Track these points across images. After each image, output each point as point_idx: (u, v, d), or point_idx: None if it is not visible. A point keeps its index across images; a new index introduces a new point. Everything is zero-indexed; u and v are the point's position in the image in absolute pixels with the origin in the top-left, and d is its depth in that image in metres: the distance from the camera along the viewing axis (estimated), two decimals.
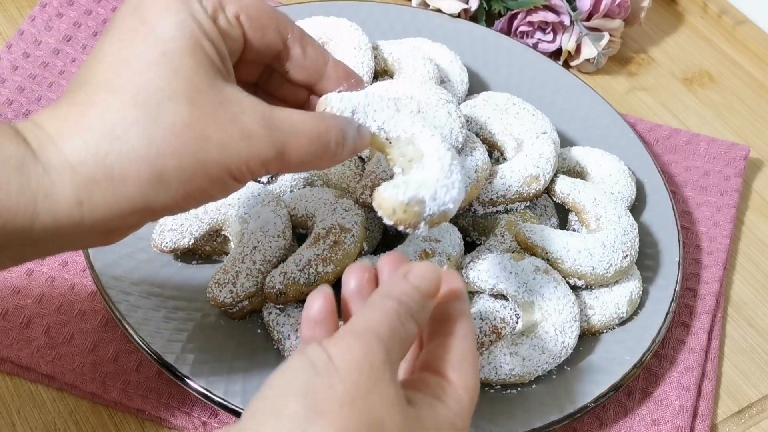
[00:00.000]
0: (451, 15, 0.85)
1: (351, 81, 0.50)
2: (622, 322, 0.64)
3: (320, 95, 0.49)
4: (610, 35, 0.86)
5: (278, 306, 0.60)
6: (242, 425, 0.37)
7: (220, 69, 0.44)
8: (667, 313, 0.64)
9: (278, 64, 0.49)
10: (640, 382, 0.64)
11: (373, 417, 0.37)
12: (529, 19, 0.85)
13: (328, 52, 0.50)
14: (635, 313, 0.65)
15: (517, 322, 0.62)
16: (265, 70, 0.51)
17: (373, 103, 0.48)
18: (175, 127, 0.42)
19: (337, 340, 0.38)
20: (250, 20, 0.46)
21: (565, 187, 0.67)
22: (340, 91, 0.49)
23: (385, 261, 0.45)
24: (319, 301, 0.42)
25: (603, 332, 0.64)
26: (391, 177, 0.64)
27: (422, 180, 0.47)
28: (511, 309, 0.62)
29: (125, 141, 0.41)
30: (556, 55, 0.87)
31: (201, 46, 0.43)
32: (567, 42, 0.85)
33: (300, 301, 0.60)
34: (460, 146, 0.63)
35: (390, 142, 0.49)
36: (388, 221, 0.47)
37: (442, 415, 0.41)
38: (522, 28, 0.86)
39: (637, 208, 0.71)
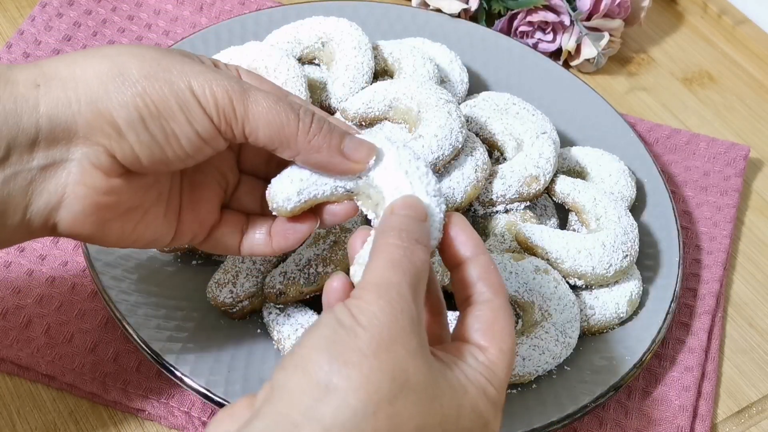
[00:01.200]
0: (451, 15, 0.85)
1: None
2: (622, 322, 0.64)
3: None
4: (610, 35, 0.86)
5: (278, 306, 0.60)
6: (273, 380, 0.38)
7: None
8: (667, 313, 0.64)
9: None
10: (640, 382, 0.64)
11: (396, 366, 0.38)
12: (529, 19, 0.85)
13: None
14: (635, 313, 0.65)
15: (517, 323, 0.62)
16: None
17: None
18: (142, 55, 0.45)
19: (357, 299, 0.39)
20: (248, 74, 0.50)
21: (565, 187, 0.67)
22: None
23: (357, 236, 0.46)
24: (336, 290, 0.44)
25: (603, 332, 0.64)
26: None
27: None
28: (511, 309, 0.62)
29: (87, 55, 0.45)
30: (556, 55, 0.87)
31: (187, 54, 0.47)
32: (567, 42, 0.85)
33: (300, 301, 0.60)
34: (460, 146, 0.63)
35: (352, 193, 0.48)
36: None
37: (471, 377, 0.41)
38: (522, 28, 0.86)
39: (637, 208, 0.71)
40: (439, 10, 0.85)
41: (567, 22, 0.85)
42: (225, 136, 0.46)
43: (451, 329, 0.46)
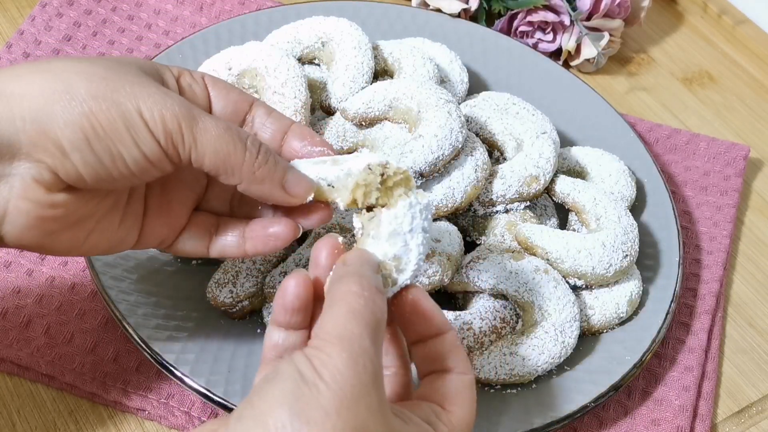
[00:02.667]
0: (451, 15, 0.85)
1: (315, 140, 0.50)
2: (622, 322, 0.64)
3: (286, 158, 0.50)
4: (610, 35, 0.86)
5: None
6: (230, 430, 0.37)
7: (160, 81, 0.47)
8: (667, 313, 0.64)
9: (247, 129, 0.50)
10: (640, 382, 0.64)
11: (357, 425, 0.37)
12: (529, 19, 0.85)
13: (292, 119, 0.51)
14: (635, 313, 0.65)
15: (517, 322, 0.62)
16: None
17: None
18: (90, 73, 0.44)
19: (318, 350, 0.39)
20: (215, 83, 0.50)
21: (565, 187, 0.67)
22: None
23: (321, 245, 0.45)
24: (294, 287, 0.43)
25: (603, 332, 0.64)
26: None
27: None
28: (511, 309, 0.62)
29: (33, 70, 0.44)
30: (556, 55, 0.87)
31: (144, 68, 0.47)
32: (567, 42, 0.85)
33: None
34: (460, 146, 0.63)
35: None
36: None
37: None
38: (522, 28, 0.86)
39: (637, 208, 0.71)
40: (439, 10, 0.85)
41: (567, 22, 0.85)
42: (172, 159, 0.46)
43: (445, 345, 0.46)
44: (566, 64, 0.87)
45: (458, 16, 0.86)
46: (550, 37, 0.86)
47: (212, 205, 0.53)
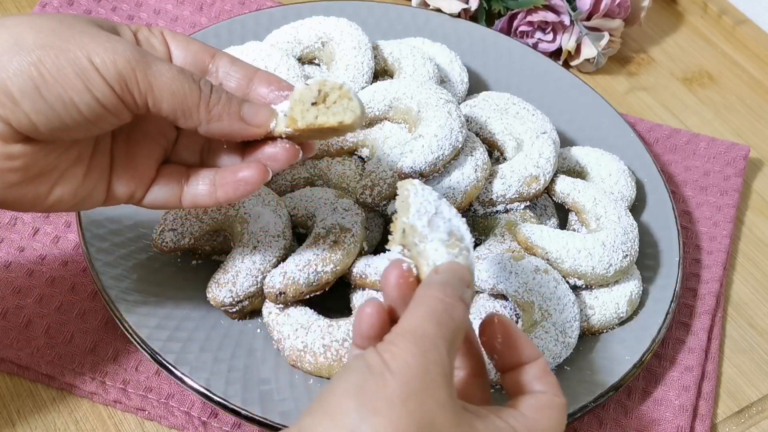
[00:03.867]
0: (451, 15, 0.85)
1: (281, 84, 0.51)
2: (622, 322, 0.64)
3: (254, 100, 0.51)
4: (610, 35, 0.86)
5: (278, 306, 0.60)
6: (300, 424, 0.38)
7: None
8: (667, 313, 0.64)
9: (212, 79, 0.51)
10: (640, 382, 0.64)
11: (424, 416, 0.38)
12: (529, 18, 0.85)
13: (257, 67, 0.52)
14: (635, 313, 0.65)
15: (517, 322, 0.62)
16: None
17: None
18: (39, 25, 0.44)
19: (390, 344, 0.39)
20: (174, 36, 0.50)
21: (565, 187, 0.67)
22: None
23: (390, 271, 0.45)
24: (370, 316, 0.43)
25: (603, 332, 0.64)
26: (391, 177, 0.64)
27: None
28: (511, 309, 0.62)
29: None
30: (556, 55, 0.87)
31: (98, 22, 0.47)
32: (567, 42, 0.85)
33: (300, 301, 0.60)
34: (460, 146, 0.63)
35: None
36: None
37: (500, 426, 0.41)
38: (522, 28, 0.86)
39: (637, 208, 0.71)
40: (439, 10, 0.85)
41: (567, 22, 0.85)
42: (129, 107, 0.46)
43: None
44: (566, 64, 0.87)
45: (458, 16, 0.86)
46: (550, 37, 0.86)
47: (182, 157, 0.53)
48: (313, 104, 0.48)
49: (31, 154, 0.46)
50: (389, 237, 0.47)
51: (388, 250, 0.48)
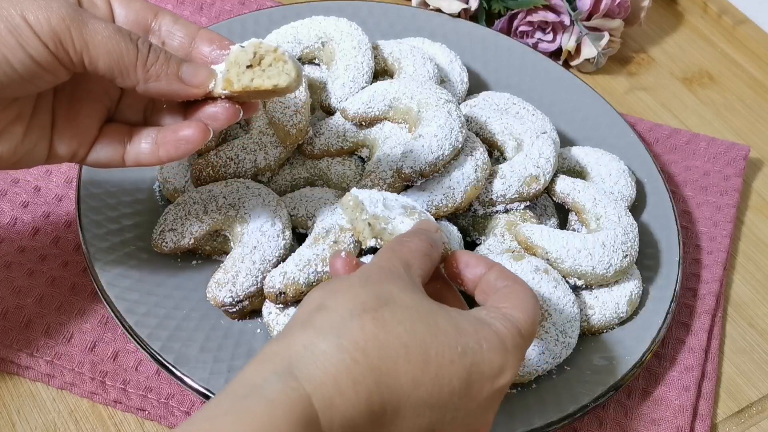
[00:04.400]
0: (451, 15, 0.85)
1: (223, 43, 0.51)
2: (622, 322, 0.64)
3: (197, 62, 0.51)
4: (610, 35, 0.86)
5: (278, 306, 0.60)
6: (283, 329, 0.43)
7: None
8: (667, 313, 0.64)
9: (154, 38, 0.51)
10: (640, 382, 0.64)
11: (384, 290, 0.42)
12: (529, 18, 0.85)
13: (199, 26, 0.52)
14: (635, 313, 0.65)
15: None
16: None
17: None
18: None
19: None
20: None
21: (565, 187, 0.67)
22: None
23: (334, 261, 0.50)
24: (339, 260, 0.49)
25: (603, 332, 0.64)
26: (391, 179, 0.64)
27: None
28: None
29: None
30: (556, 55, 0.87)
31: None
32: (567, 42, 0.85)
33: (300, 301, 0.60)
34: (460, 146, 0.63)
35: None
36: None
37: (474, 317, 0.44)
38: (522, 28, 0.86)
39: (637, 208, 0.71)
40: (439, 10, 0.85)
41: (567, 21, 0.85)
42: (64, 64, 0.46)
43: None
44: (566, 64, 0.87)
45: (458, 16, 0.86)
46: (550, 37, 0.86)
47: (125, 116, 0.53)
48: (248, 67, 0.48)
49: None
50: (361, 240, 0.53)
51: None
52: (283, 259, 0.61)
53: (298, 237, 0.64)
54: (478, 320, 0.44)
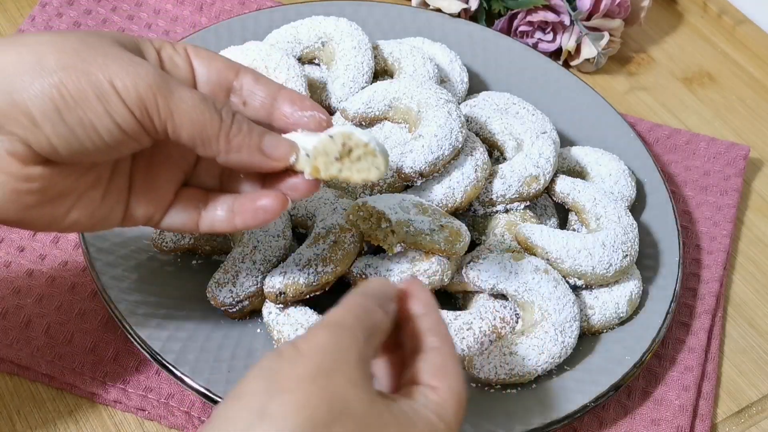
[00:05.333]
0: (451, 15, 0.85)
1: (304, 104, 0.50)
2: (622, 322, 0.64)
3: (279, 125, 0.50)
4: (610, 35, 0.86)
5: (278, 306, 0.60)
6: (213, 413, 0.38)
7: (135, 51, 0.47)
8: (667, 313, 0.64)
9: (235, 97, 0.50)
10: (640, 382, 0.64)
11: (336, 393, 0.37)
12: (529, 18, 0.85)
13: (281, 84, 0.51)
14: (635, 312, 0.65)
15: (517, 322, 0.62)
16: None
17: None
18: (62, 45, 0.44)
19: (305, 333, 0.40)
20: (197, 52, 0.49)
21: (565, 187, 0.67)
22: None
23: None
24: None
25: (603, 332, 0.64)
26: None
27: None
28: (511, 309, 0.62)
29: (7, 43, 0.44)
30: (556, 55, 0.87)
31: (122, 41, 0.46)
32: (567, 42, 0.85)
33: (300, 301, 0.60)
34: (460, 146, 0.63)
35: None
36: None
37: (419, 410, 0.40)
38: (522, 28, 0.86)
39: (637, 208, 0.71)
40: (439, 10, 0.85)
41: (567, 21, 0.85)
42: (149, 132, 0.45)
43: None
44: (566, 64, 0.87)
45: (458, 16, 0.86)
46: (550, 37, 0.86)
47: (202, 180, 0.53)
48: (336, 158, 0.47)
49: (50, 176, 0.46)
50: (386, 248, 0.50)
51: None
52: (283, 259, 0.61)
53: (298, 237, 0.64)
54: (428, 425, 0.41)
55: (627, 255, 0.63)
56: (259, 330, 0.61)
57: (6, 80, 0.43)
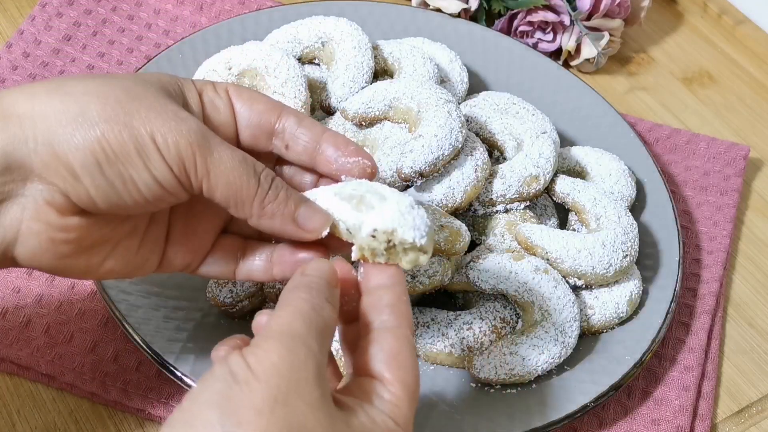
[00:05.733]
0: (451, 15, 0.85)
1: (349, 149, 0.49)
2: (622, 322, 0.64)
3: (322, 170, 0.49)
4: (610, 35, 0.86)
5: None
6: None
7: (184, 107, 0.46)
8: (667, 313, 0.64)
9: (278, 141, 0.49)
10: (640, 382, 0.64)
11: (294, 421, 0.36)
12: (529, 18, 0.85)
13: (324, 126, 0.50)
14: (635, 312, 0.65)
15: (517, 322, 0.62)
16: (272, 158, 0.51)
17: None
18: (105, 95, 0.43)
19: (255, 347, 0.38)
20: (239, 94, 0.48)
21: (565, 187, 0.67)
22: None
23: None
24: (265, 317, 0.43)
25: (603, 332, 0.64)
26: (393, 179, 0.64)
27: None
28: (511, 309, 0.62)
29: (50, 89, 0.44)
30: (556, 55, 0.87)
31: (167, 88, 0.46)
32: (567, 42, 0.85)
33: None
34: (460, 146, 0.63)
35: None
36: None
37: (377, 419, 0.39)
38: (522, 28, 0.86)
39: (637, 208, 0.71)
40: (439, 10, 0.85)
41: (567, 21, 0.85)
42: (185, 187, 0.45)
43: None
44: (566, 64, 0.87)
45: (458, 16, 0.86)
46: (550, 37, 0.86)
47: (240, 228, 0.51)
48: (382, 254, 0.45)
49: (86, 226, 0.45)
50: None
51: None
52: None
53: None
54: (382, 426, 0.40)
55: (627, 255, 0.63)
56: None
57: (48, 130, 0.42)
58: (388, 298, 0.43)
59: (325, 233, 0.46)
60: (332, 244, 0.48)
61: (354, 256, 0.45)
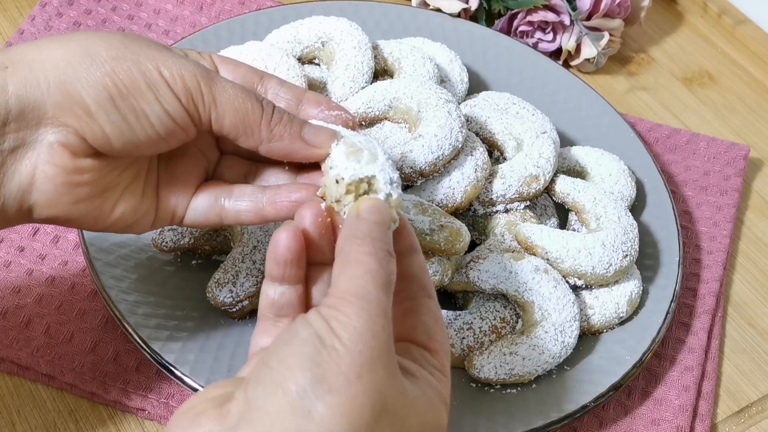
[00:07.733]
0: (451, 15, 0.85)
1: (330, 104, 0.50)
2: (622, 322, 0.64)
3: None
4: (610, 35, 0.86)
5: None
6: (249, 394, 0.37)
7: None
8: (667, 313, 0.64)
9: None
10: (640, 382, 0.64)
11: (377, 390, 0.37)
12: (529, 18, 0.85)
13: (304, 87, 0.51)
14: (635, 312, 0.65)
15: (517, 322, 0.62)
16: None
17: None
18: (110, 40, 0.46)
19: (335, 310, 0.38)
20: (222, 59, 0.50)
21: (565, 187, 0.67)
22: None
23: (305, 212, 0.44)
24: (286, 240, 0.42)
25: (603, 332, 0.64)
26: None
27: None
28: (511, 309, 0.62)
29: (55, 40, 0.45)
30: (556, 54, 0.87)
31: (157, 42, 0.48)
32: (567, 42, 0.85)
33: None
34: (460, 146, 0.63)
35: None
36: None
37: (434, 386, 0.41)
38: (522, 28, 0.86)
39: (637, 208, 0.71)
40: (439, 10, 0.85)
41: (567, 21, 0.85)
42: (194, 120, 0.46)
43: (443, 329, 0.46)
44: (566, 64, 0.87)
45: (458, 16, 0.86)
46: (550, 37, 0.86)
47: (225, 177, 0.52)
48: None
49: (99, 168, 0.46)
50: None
51: None
52: None
53: None
54: (436, 409, 0.41)
55: (627, 255, 0.63)
56: None
57: (59, 71, 0.44)
58: (417, 265, 0.44)
59: (334, 145, 0.47)
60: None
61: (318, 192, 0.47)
